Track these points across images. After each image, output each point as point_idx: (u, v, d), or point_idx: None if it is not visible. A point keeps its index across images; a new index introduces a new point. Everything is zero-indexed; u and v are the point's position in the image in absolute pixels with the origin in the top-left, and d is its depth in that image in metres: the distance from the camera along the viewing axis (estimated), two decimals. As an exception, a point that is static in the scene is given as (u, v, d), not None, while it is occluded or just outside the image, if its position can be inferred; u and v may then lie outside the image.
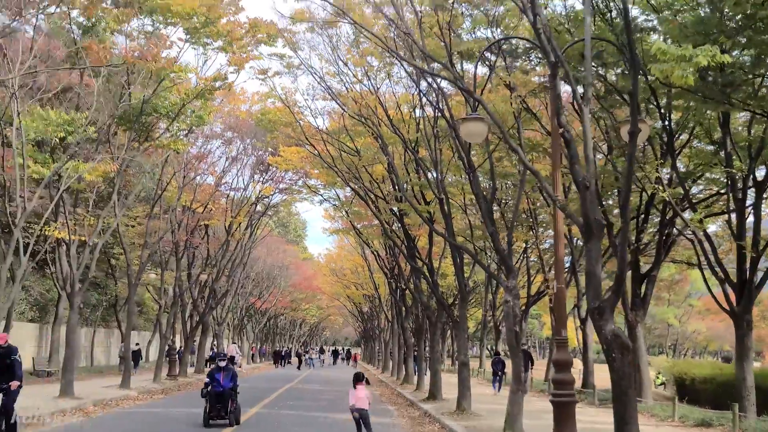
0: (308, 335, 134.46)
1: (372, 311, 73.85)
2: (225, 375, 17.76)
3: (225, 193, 41.88)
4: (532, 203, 34.13)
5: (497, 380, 31.81)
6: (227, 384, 17.61)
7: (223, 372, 17.80)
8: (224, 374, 17.77)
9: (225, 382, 17.58)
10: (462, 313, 21.36)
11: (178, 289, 36.05)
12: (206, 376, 18.31)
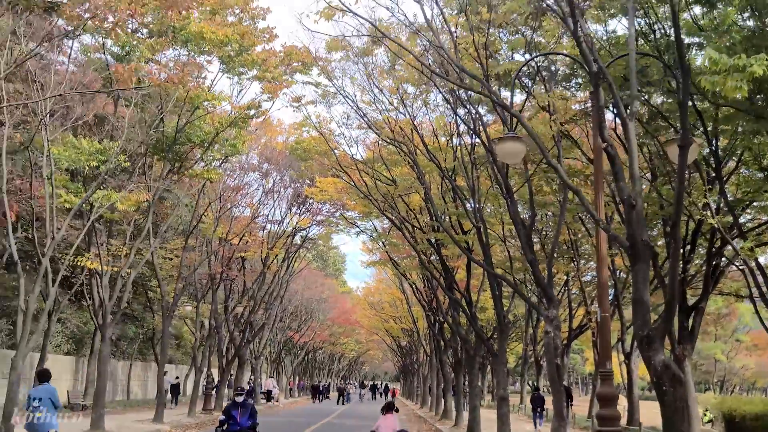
0: (347, 370, 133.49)
1: (410, 345, 72.98)
2: (242, 412, 15.58)
3: (261, 225, 41.64)
4: (573, 234, 33.26)
5: (537, 416, 31.09)
6: (245, 423, 15.51)
7: (240, 408, 15.61)
8: (242, 411, 15.58)
9: (243, 421, 15.46)
10: (501, 346, 20.63)
11: (214, 322, 35.66)
12: (222, 413, 16.15)
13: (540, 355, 44.67)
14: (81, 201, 17.85)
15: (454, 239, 19.91)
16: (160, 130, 22.02)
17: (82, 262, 22.18)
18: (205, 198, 32.65)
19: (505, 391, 20.41)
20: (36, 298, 18.45)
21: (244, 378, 54.36)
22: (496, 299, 20.32)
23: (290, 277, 52.00)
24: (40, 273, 16.90)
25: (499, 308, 20.49)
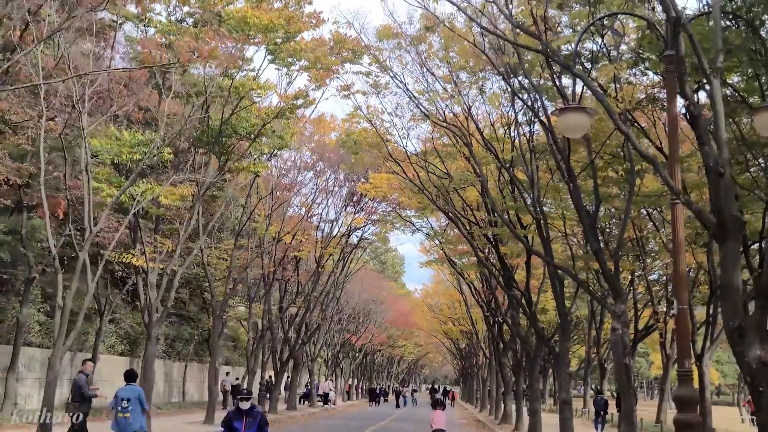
0: (406, 373, 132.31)
1: (469, 348, 71.69)
2: (248, 423, 11.79)
3: (315, 225, 40.85)
4: (639, 230, 31.67)
5: (599, 421, 29.91)
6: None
7: (246, 418, 11.80)
8: (247, 421, 11.79)
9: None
10: (563, 346, 19.32)
11: (266, 323, 34.92)
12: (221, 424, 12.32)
13: (604, 357, 43.05)
14: (119, 192, 17.15)
15: (513, 231, 18.68)
16: (205, 122, 21.24)
17: (127, 259, 21.53)
18: (257, 195, 31.97)
19: (567, 394, 19.09)
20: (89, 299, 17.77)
21: (301, 380, 53.81)
22: (558, 296, 19.02)
23: (346, 278, 51.15)
24: (77, 268, 16.23)
25: (561, 306, 19.19)
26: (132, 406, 14.55)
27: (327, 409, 49.73)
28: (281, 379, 40.65)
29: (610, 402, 32.75)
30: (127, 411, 14.51)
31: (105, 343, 34.67)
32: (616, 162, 21.24)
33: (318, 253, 38.65)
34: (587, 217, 13.42)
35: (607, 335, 46.48)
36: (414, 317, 78.14)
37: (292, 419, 36.15)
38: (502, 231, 23.39)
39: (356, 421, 37.24)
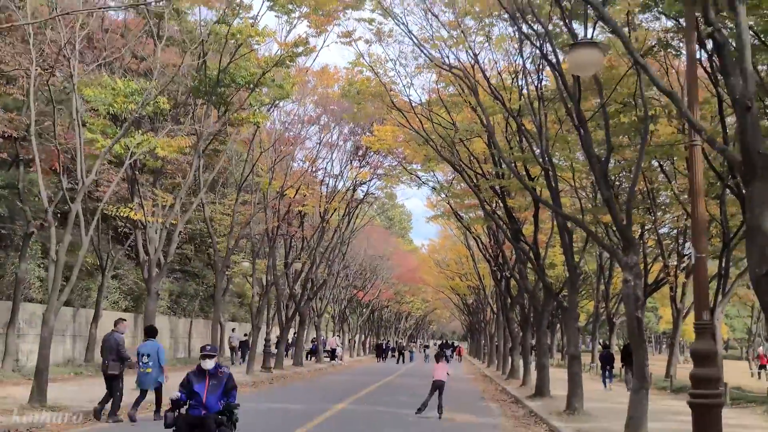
0: (414, 329, 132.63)
1: (477, 303, 71.49)
2: (212, 386, 9.63)
3: (319, 180, 40.26)
4: (650, 182, 31.02)
5: (606, 375, 29.92)
6: (213, 403, 9.62)
7: (208, 381, 9.64)
8: (210, 384, 9.62)
9: (210, 400, 9.58)
10: (572, 299, 18.78)
11: (271, 278, 34.51)
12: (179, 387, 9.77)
13: (612, 311, 42.64)
14: (112, 142, 16.54)
15: (520, 178, 18.02)
16: (202, 70, 20.56)
17: (125, 213, 21.01)
18: (260, 148, 31.33)
19: (576, 349, 18.60)
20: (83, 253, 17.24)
21: (307, 336, 53.62)
22: (567, 249, 18.45)
23: (352, 233, 50.68)
24: (70, 221, 15.69)
25: (570, 259, 18.63)
26: (152, 361, 15.20)
27: (334, 365, 49.61)
28: (286, 335, 40.34)
29: (616, 357, 32.45)
30: (148, 366, 15.20)
31: (108, 299, 34.34)
32: (628, 111, 20.58)
33: (322, 208, 38.10)
34: (598, 165, 12.78)
35: (615, 290, 46.04)
36: (421, 273, 77.83)
37: (297, 375, 35.94)
38: (510, 183, 22.78)
39: (362, 376, 36.99)
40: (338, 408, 19.20)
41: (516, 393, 25.89)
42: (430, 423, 16.67)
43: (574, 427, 15.29)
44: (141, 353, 15.28)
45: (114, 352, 15.11)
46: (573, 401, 18.11)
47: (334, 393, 24.66)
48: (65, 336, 30.09)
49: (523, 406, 21.79)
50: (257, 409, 18.43)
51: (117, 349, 15.16)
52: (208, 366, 9.64)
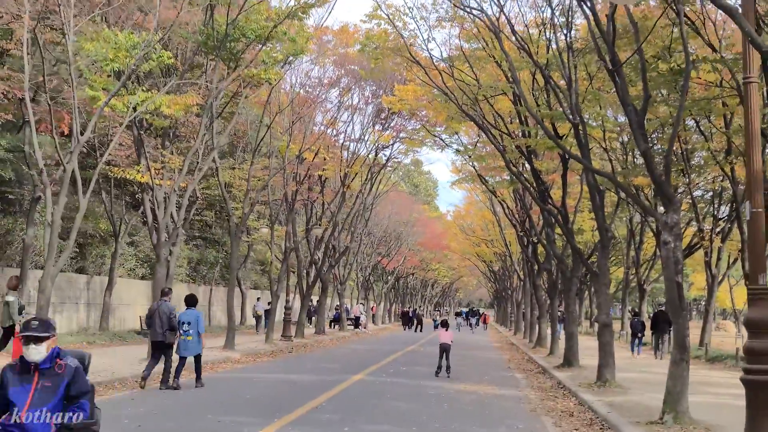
0: (440, 296, 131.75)
1: (503, 270, 70.37)
2: (41, 392, 5.34)
3: (340, 143, 39.12)
4: (684, 142, 29.55)
5: (636, 343, 29.21)
6: (41, 426, 5.24)
7: (37, 382, 5.37)
8: (39, 390, 5.34)
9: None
10: (602, 264, 17.54)
11: (290, 244, 33.57)
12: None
13: (643, 278, 41.27)
14: (108, 97, 15.48)
15: (545, 129, 16.63)
16: (209, 23, 19.39)
17: (131, 176, 20.04)
18: (278, 108, 30.19)
19: (607, 317, 17.40)
20: (81, 216, 16.29)
21: (331, 304, 52.92)
22: (597, 209, 17.19)
23: (375, 199, 49.59)
24: (65, 181, 14.70)
25: (601, 220, 17.37)
26: (192, 330, 15.37)
27: (357, 333, 48.82)
28: (306, 303, 39.49)
29: (646, 324, 31.32)
30: (189, 334, 15.32)
31: (124, 266, 33.65)
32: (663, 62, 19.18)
33: (343, 172, 36.98)
34: (635, 114, 11.51)
35: (646, 256, 44.66)
36: (446, 240, 76.78)
37: (319, 344, 35.10)
38: (536, 142, 21.51)
39: (385, 345, 36.09)
40: (353, 380, 18.21)
41: (543, 362, 24.82)
42: (448, 396, 15.61)
43: (605, 401, 14.16)
44: (182, 321, 15.36)
45: (167, 322, 15.29)
46: (604, 372, 16.98)
47: (352, 363, 23.74)
48: (78, 304, 29.42)
49: (551, 376, 20.71)
50: (266, 381, 17.52)
51: (169, 318, 15.32)
52: (34, 356, 5.40)
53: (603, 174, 16.41)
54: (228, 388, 16.07)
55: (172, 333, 15.30)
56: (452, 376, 19.95)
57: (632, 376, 19.18)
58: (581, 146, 16.81)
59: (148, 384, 15.17)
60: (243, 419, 11.48)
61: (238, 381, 17.19)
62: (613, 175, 15.97)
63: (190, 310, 15.65)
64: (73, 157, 14.91)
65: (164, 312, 15.34)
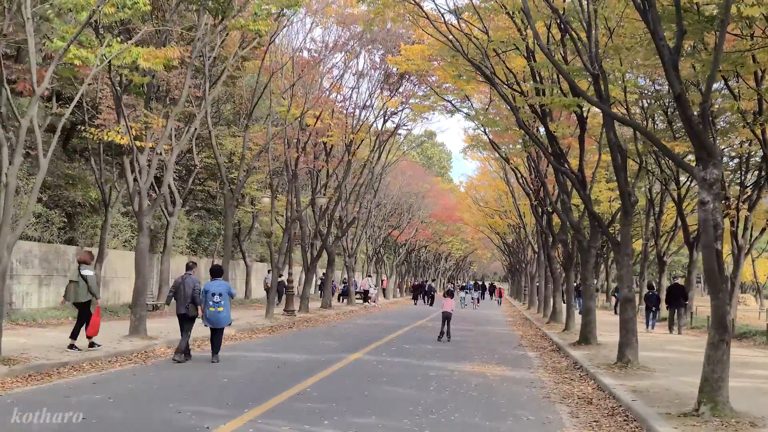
0: (454, 269, 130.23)
1: (517, 243, 68.69)
2: None
3: (344, 109, 37.32)
4: (711, 104, 27.62)
5: (651, 316, 28.43)
6: None
7: None
8: None
9: None
10: (625, 232, 15.76)
11: (291, 214, 31.93)
12: None
13: (662, 250, 39.44)
14: (65, 46, 13.79)
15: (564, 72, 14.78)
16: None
17: (109, 137, 18.39)
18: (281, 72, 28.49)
19: (630, 291, 15.66)
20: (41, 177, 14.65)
21: (332, 277, 51.58)
22: (619, 171, 15.38)
23: (384, 168, 47.86)
24: (20, 139, 13.06)
25: (623, 182, 15.56)
26: (224, 301, 15.31)
27: (366, 307, 47.32)
28: (311, 276, 37.92)
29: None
30: (220, 305, 15.24)
31: (119, 237, 32.12)
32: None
33: (348, 139, 35.21)
34: (668, 52, 9.74)
35: (665, 227, 42.80)
36: (459, 212, 75.13)
37: (323, 318, 33.58)
38: (552, 100, 19.64)
39: (392, 320, 34.52)
40: (349, 359, 16.63)
41: (558, 339, 23.15)
42: (452, 379, 13.98)
43: (629, 386, 12.50)
44: (212, 293, 15.27)
45: (190, 296, 15.35)
46: (625, 352, 15.31)
47: (354, 340, 22.18)
48: (67, 277, 27.84)
49: (566, 355, 19.05)
50: (253, 361, 15.94)
51: (193, 291, 15.37)
52: None
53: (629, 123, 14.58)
54: (208, 368, 14.52)
55: (195, 307, 15.38)
56: (459, 354, 18.50)
57: (655, 356, 17.51)
58: (600, 98, 15.00)
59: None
60: (209, 410, 9.90)
61: (223, 360, 15.66)
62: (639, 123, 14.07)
63: (217, 281, 15.55)
64: (30, 110, 13.26)
65: (189, 285, 15.40)
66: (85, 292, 15.66)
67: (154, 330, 21.09)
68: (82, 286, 15.65)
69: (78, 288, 15.69)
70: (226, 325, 15.76)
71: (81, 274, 15.68)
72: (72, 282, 15.85)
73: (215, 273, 15.81)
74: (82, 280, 15.66)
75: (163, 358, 15.94)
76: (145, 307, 19.36)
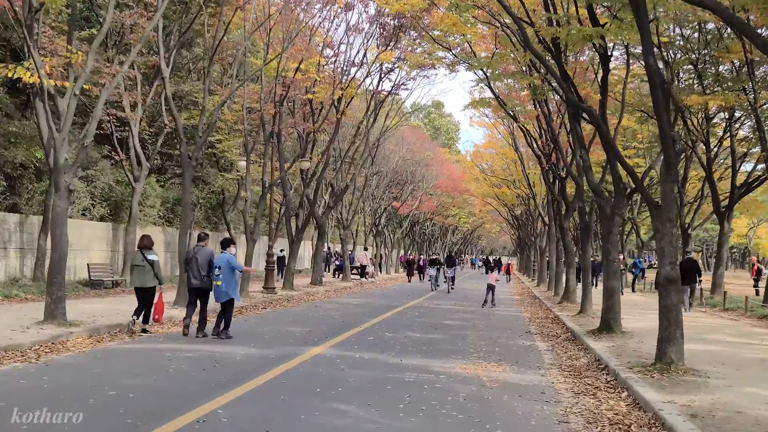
0: (462, 243, 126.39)
1: (526, 215, 64.86)
2: None
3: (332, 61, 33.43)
4: (748, 50, 23.67)
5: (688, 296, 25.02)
6: None
7: None
8: None
9: None
10: (667, 190, 11.76)
11: (268, 179, 28.15)
12: None
13: (686, 222, 35.59)
14: None
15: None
16: None
17: (16, 74, 14.59)
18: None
19: (672, 268, 11.73)
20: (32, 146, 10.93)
21: (322, 250, 47.95)
22: (660, 109, 11.39)
23: (382, 133, 43.93)
24: None
25: (666, 124, 11.52)
26: (223, 274, 14.75)
27: (362, 284, 43.63)
28: (297, 249, 34.20)
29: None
30: (219, 279, 14.74)
31: (77, 204, 28.41)
32: None
33: (337, 94, 31.27)
34: None
35: (689, 198, 38.98)
36: (465, 183, 71.28)
37: (309, 297, 29.90)
38: (568, 32, 15.75)
39: (385, 299, 30.77)
40: (308, 355, 12.91)
41: (572, 324, 19.36)
42: (432, 389, 10.20)
43: (681, 405, 8.73)
44: (215, 265, 14.89)
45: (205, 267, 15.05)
46: (667, 349, 11.49)
47: (328, 325, 18.50)
48: (8, 249, 24.28)
49: (585, 347, 15.25)
50: (182, 358, 12.13)
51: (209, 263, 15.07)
52: None
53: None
54: (119, 368, 10.91)
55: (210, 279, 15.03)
56: (452, 345, 14.92)
57: (694, 349, 13.64)
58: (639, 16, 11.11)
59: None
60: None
61: (147, 354, 11.98)
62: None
63: (222, 253, 15.06)
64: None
65: (203, 257, 15.06)
66: (151, 276, 15.25)
67: (86, 313, 17.56)
68: (149, 271, 15.22)
69: (144, 273, 15.23)
70: (225, 300, 14.98)
71: (147, 259, 15.25)
72: (136, 266, 15.34)
73: (223, 245, 15.43)
74: (148, 265, 15.23)
75: (69, 354, 12.35)
76: (63, 286, 15.70)
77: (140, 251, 15.46)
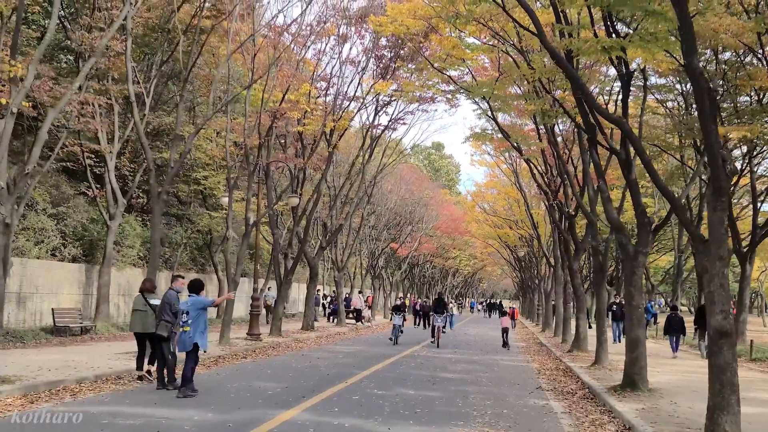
0: (463, 286, 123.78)
1: (530, 257, 62.55)
2: None
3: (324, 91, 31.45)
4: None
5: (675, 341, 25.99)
6: None
7: None
8: None
9: None
10: (715, 221, 9.51)
11: (252, 216, 25.93)
12: None
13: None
14: None
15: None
16: None
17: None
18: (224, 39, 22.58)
19: (725, 318, 9.46)
20: None
21: (315, 294, 45.63)
22: (707, 119, 9.16)
23: (378, 170, 41.84)
24: None
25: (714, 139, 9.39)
26: (191, 319, 13.34)
27: (358, 328, 41.22)
28: (285, 293, 31.88)
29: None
30: (187, 324, 13.36)
31: (46, 244, 26.21)
32: None
33: (329, 127, 29.18)
34: None
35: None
36: (466, 223, 69.23)
37: (296, 344, 27.50)
38: (582, 43, 13.69)
39: (380, 346, 28.35)
40: (276, 421, 10.58)
41: (588, 379, 17.00)
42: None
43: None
44: (182, 311, 13.47)
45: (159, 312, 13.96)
46: (720, 419, 9.18)
47: (310, 379, 16.15)
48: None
49: (609, 411, 12.86)
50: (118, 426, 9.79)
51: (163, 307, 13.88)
52: None
53: None
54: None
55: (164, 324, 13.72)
56: (450, 406, 12.55)
57: (747, 412, 11.30)
58: (679, 5, 9.00)
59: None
60: None
61: (78, 423, 9.68)
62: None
63: (192, 296, 13.51)
64: None
65: (165, 301, 13.94)
66: (152, 321, 14.53)
67: (31, 366, 15.33)
68: (151, 315, 14.72)
69: (147, 317, 14.79)
70: (189, 349, 13.26)
71: (150, 304, 14.86)
72: (137, 311, 14.98)
73: (191, 288, 13.72)
74: (150, 309, 14.78)
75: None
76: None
77: (142, 295, 15.03)
